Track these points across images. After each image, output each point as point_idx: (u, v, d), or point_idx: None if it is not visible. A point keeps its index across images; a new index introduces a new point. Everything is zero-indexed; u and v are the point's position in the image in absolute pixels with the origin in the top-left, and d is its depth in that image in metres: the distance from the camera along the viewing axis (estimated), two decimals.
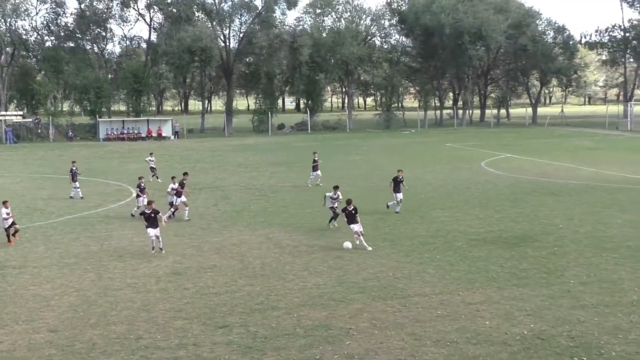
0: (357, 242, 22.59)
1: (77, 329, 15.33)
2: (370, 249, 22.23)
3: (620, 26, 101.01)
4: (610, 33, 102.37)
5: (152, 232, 22.01)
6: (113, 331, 15.14)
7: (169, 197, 29.07)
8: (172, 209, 28.48)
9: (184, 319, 15.88)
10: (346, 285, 18.39)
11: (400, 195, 29.05)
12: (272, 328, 15.16)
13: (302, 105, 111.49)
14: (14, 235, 23.97)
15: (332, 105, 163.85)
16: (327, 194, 26.71)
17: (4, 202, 24.08)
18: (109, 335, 14.87)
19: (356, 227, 22.81)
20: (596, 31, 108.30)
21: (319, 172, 38.17)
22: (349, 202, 23.22)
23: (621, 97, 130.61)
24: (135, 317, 16.08)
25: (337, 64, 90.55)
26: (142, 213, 22.81)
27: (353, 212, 23.00)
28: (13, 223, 24.16)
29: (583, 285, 17.90)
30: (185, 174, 30.54)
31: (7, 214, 23.82)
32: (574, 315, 15.58)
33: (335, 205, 25.82)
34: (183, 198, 28.70)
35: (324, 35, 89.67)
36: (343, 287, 18.17)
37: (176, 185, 28.73)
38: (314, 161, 38.52)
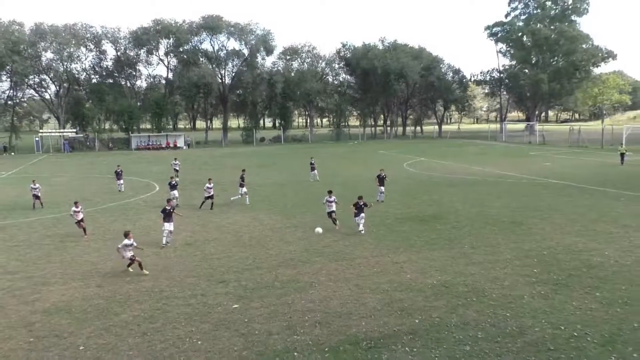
0: (360, 231, 20.41)
1: (117, 285, 15.08)
2: (363, 232, 20.32)
3: (497, 69, 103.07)
4: (490, 74, 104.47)
5: (167, 226, 19.26)
6: (143, 286, 14.94)
7: (205, 193, 26.78)
8: (204, 200, 26.96)
9: (194, 277, 15.72)
10: (310, 251, 18.39)
11: (382, 188, 27.60)
12: (257, 282, 15.10)
13: (277, 124, 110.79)
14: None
15: (298, 123, 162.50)
16: (324, 199, 22.22)
17: (75, 203, 21.88)
18: (140, 289, 14.67)
19: (359, 220, 20.45)
20: (481, 72, 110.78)
21: (316, 171, 37.50)
22: (360, 197, 20.66)
23: (498, 118, 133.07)
24: (158, 276, 15.87)
25: (302, 95, 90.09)
26: (163, 210, 19.59)
27: (362, 205, 20.39)
28: (82, 220, 21.50)
29: (473, 249, 18.22)
30: (243, 170, 29.80)
31: (75, 211, 21.40)
32: (467, 270, 15.85)
33: (333, 208, 21.66)
34: (244, 189, 28.14)
35: (292, 74, 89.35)
36: (308, 253, 18.17)
37: (211, 185, 26.87)
38: (311, 164, 37.99)
